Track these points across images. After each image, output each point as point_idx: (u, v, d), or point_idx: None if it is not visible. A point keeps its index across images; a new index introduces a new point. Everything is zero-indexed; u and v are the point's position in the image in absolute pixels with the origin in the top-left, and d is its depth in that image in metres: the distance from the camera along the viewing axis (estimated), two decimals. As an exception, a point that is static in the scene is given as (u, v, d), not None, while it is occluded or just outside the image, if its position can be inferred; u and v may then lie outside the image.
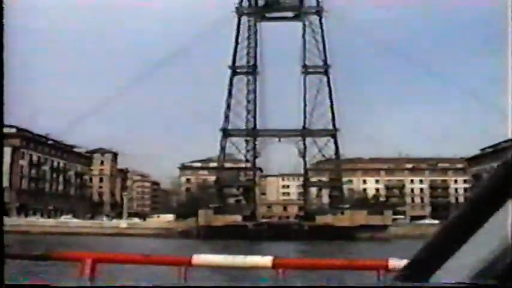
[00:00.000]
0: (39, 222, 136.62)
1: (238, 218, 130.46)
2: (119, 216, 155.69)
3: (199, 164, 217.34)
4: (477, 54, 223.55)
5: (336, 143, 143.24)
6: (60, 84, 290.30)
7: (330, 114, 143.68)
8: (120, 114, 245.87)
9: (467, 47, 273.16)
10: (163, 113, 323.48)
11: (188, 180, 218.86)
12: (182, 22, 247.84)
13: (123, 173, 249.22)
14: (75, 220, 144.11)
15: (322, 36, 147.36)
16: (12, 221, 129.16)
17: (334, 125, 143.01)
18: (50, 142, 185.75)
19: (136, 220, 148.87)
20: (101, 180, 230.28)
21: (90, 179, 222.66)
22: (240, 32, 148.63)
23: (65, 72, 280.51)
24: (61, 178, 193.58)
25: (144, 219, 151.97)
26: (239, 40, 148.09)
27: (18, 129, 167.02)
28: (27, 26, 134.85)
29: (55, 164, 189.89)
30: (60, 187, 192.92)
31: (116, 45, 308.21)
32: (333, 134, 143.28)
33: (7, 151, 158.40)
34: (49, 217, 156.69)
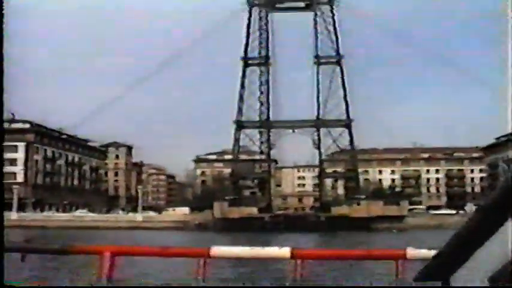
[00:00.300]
0: (55, 216, 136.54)
1: (254, 210, 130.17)
2: (135, 210, 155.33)
3: (214, 157, 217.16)
4: (490, 42, 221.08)
5: (350, 133, 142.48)
6: (73, 82, 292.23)
7: (343, 105, 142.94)
8: (134, 109, 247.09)
9: (480, 36, 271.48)
10: (177, 107, 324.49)
11: (203, 172, 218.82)
12: (193, 15, 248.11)
13: (138, 166, 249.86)
14: (90, 214, 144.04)
15: (334, 26, 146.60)
16: (29, 216, 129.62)
17: (348, 115, 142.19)
18: (63, 137, 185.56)
19: (152, 213, 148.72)
20: (116, 174, 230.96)
21: (106, 173, 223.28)
22: (252, 23, 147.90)
23: (80, 71, 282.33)
24: (76, 172, 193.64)
25: (160, 213, 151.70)
26: (251, 31, 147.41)
27: (32, 124, 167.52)
28: (33, 28, 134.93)
29: (70, 158, 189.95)
30: (76, 181, 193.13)
31: (127, 42, 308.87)
32: (347, 124, 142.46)
33: (21, 146, 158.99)
34: (64, 212, 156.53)
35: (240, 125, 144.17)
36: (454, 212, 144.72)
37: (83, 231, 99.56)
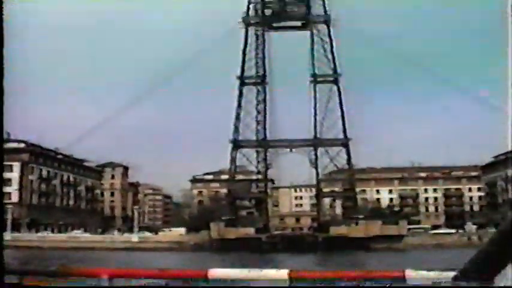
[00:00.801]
0: (50, 237, 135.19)
1: (251, 230, 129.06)
2: (131, 230, 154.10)
3: (211, 177, 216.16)
4: (487, 60, 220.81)
5: (348, 152, 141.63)
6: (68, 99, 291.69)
7: (341, 124, 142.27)
8: (129, 129, 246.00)
9: (477, 53, 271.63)
10: (174, 126, 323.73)
11: (200, 192, 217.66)
12: (190, 35, 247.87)
13: (135, 186, 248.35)
14: (86, 235, 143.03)
15: (331, 45, 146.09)
16: (23, 237, 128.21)
17: (345, 134, 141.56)
18: (59, 156, 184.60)
19: (147, 234, 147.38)
20: (112, 194, 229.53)
21: (102, 193, 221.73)
22: (248, 42, 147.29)
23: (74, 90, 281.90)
24: (72, 193, 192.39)
25: (156, 233, 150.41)
26: (247, 50, 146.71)
27: (27, 144, 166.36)
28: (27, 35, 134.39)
29: (65, 178, 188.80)
30: (71, 202, 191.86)
31: (121, 60, 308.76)
32: (344, 143, 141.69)
33: (16, 166, 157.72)
34: (60, 232, 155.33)
35: (236, 145, 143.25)
36: (453, 231, 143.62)
37: (78, 251, 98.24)
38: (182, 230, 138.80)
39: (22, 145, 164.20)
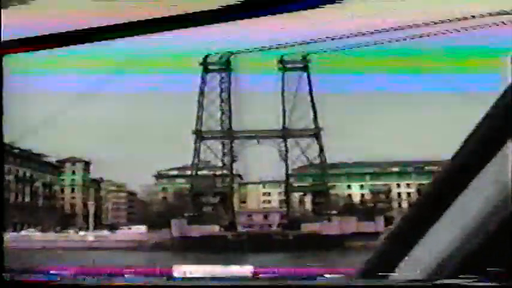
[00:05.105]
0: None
1: (215, 228, 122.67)
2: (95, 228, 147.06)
3: (175, 172, 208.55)
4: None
5: (319, 143, 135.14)
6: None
7: (311, 113, 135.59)
8: (90, 122, 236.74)
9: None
10: (138, 119, 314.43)
11: (164, 189, 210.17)
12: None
13: (97, 183, 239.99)
14: (37, 233, 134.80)
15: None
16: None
17: (316, 123, 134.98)
18: (14, 151, 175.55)
19: (105, 232, 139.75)
20: (73, 190, 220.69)
21: (62, 190, 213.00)
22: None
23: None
24: (27, 189, 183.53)
25: (114, 231, 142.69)
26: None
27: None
28: None
29: (20, 173, 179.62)
30: (27, 198, 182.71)
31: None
32: (316, 133, 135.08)
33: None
34: (14, 231, 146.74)
35: (199, 136, 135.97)
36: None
37: (28, 252, 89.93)
38: (142, 228, 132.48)
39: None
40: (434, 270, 2.75)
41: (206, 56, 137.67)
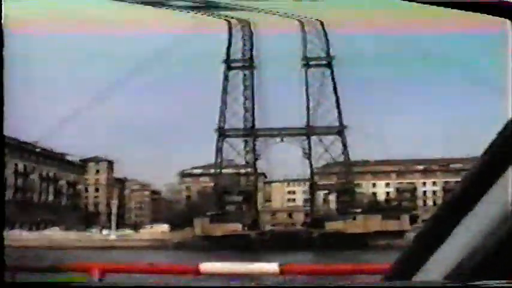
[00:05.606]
0: (21, 235, 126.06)
1: (238, 226, 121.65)
2: (117, 227, 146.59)
3: (200, 171, 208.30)
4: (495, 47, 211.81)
5: (343, 140, 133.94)
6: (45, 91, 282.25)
7: (335, 111, 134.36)
8: (115, 123, 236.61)
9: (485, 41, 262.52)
10: (162, 118, 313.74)
11: (188, 188, 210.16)
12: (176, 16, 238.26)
13: (121, 182, 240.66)
14: (60, 233, 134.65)
15: (323, 25, 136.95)
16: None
17: (340, 121, 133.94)
18: (38, 150, 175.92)
19: (127, 231, 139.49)
20: (97, 190, 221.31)
21: (86, 189, 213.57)
22: (233, 23, 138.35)
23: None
24: (51, 188, 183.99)
25: (137, 231, 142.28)
26: (233, 31, 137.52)
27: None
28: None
29: (44, 173, 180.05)
30: (51, 197, 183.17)
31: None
32: (339, 131, 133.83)
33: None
34: (38, 230, 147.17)
35: (222, 133, 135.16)
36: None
37: (50, 251, 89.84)
38: (165, 227, 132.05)
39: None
40: (465, 270, 2.73)
41: (229, 54, 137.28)
